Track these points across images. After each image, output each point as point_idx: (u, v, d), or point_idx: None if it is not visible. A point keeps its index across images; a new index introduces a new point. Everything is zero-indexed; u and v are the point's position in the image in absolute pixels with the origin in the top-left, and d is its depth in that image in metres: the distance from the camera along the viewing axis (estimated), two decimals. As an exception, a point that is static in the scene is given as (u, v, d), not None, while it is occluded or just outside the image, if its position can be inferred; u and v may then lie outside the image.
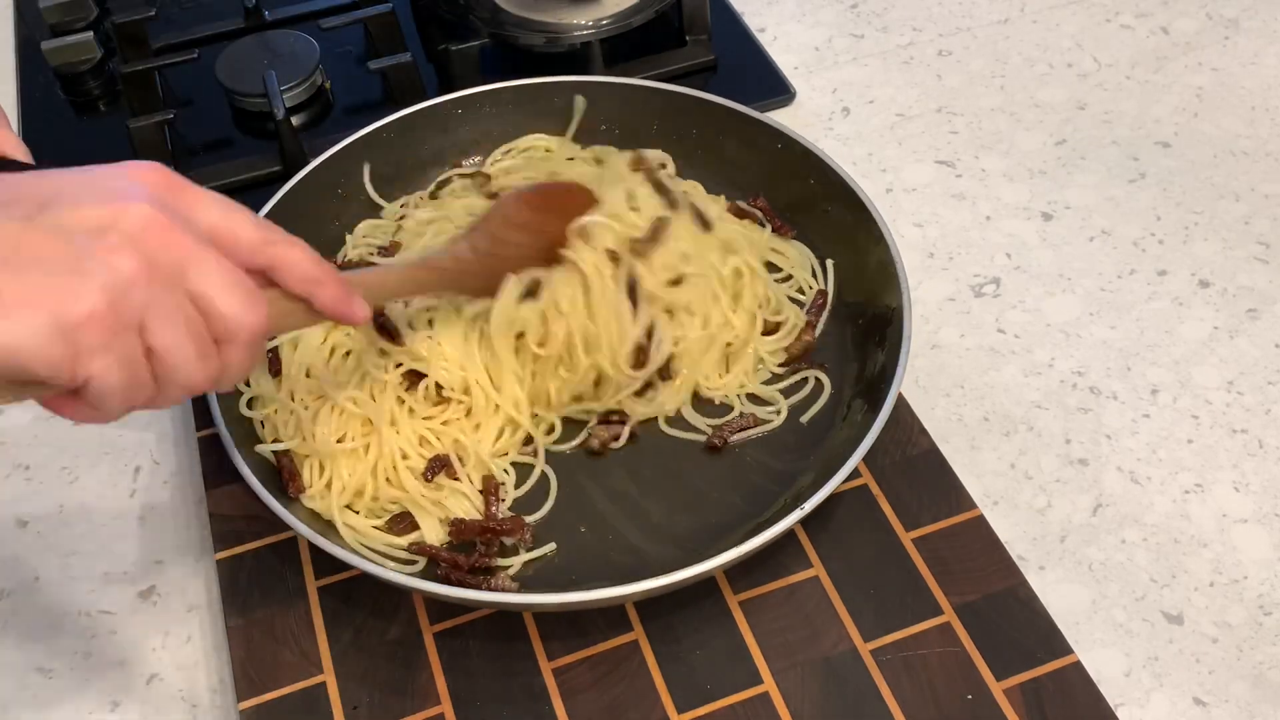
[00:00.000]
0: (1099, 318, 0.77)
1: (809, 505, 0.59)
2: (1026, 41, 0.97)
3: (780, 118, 0.91)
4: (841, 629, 0.61)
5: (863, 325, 0.72)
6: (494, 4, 0.98)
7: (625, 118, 0.83)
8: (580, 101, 0.82)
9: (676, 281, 0.68)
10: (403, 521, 0.65)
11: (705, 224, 0.71)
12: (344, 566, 0.62)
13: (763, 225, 0.77)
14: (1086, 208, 0.84)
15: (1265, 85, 0.92)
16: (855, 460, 0.60)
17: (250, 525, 0.66)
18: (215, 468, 0.68)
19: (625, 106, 0.82)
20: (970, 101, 0.92)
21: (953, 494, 0.66)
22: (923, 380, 0.74)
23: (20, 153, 0.56)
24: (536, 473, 0.67)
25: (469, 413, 0.67)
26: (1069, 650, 0.60)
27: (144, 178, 0.47)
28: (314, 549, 0.63)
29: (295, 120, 0.90)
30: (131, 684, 0.63)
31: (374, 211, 0.80)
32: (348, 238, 0.78)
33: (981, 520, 0.65)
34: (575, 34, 0.94)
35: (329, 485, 0.65)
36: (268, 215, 0.73)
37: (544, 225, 0.67)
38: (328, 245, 0.77)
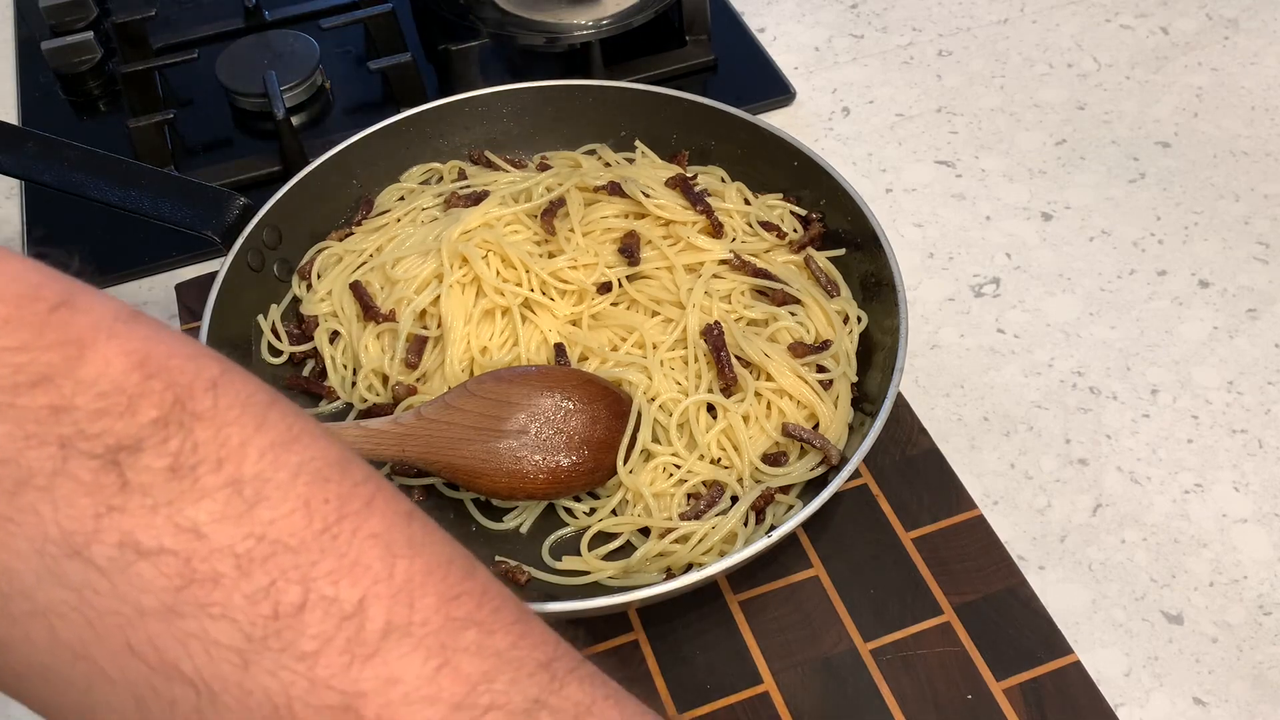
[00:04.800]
0: (1099, 318, 0.77)
1: (810, 507, 0.59)
2: (1026, 41, 0.97)
3: (780, 118, 0.91)
4: (841, 629, 0.61)
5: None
6: (494, 4, 0.98)
7: (644, 124, 0.80)
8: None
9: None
10: None
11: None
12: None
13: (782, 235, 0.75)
14: (1086, 208, 0.84)
15: (1265, 85, 0.92)
16: (856, 460, 0.60)
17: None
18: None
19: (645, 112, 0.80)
20: (970, 101, 0.92)
21: (953, 494, 0.66)
22: (923, 380, 0.74)
23: None
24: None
25: None
26: (1069, 650, 0.60)
27: None
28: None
29: (295, 120, 0.90)
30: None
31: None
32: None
33: (981, 520, 0.65)
34: (575, 34, 0.94)
35: None
36: (267, 214, 0.72)
37: (509, 397, 0.63)
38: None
